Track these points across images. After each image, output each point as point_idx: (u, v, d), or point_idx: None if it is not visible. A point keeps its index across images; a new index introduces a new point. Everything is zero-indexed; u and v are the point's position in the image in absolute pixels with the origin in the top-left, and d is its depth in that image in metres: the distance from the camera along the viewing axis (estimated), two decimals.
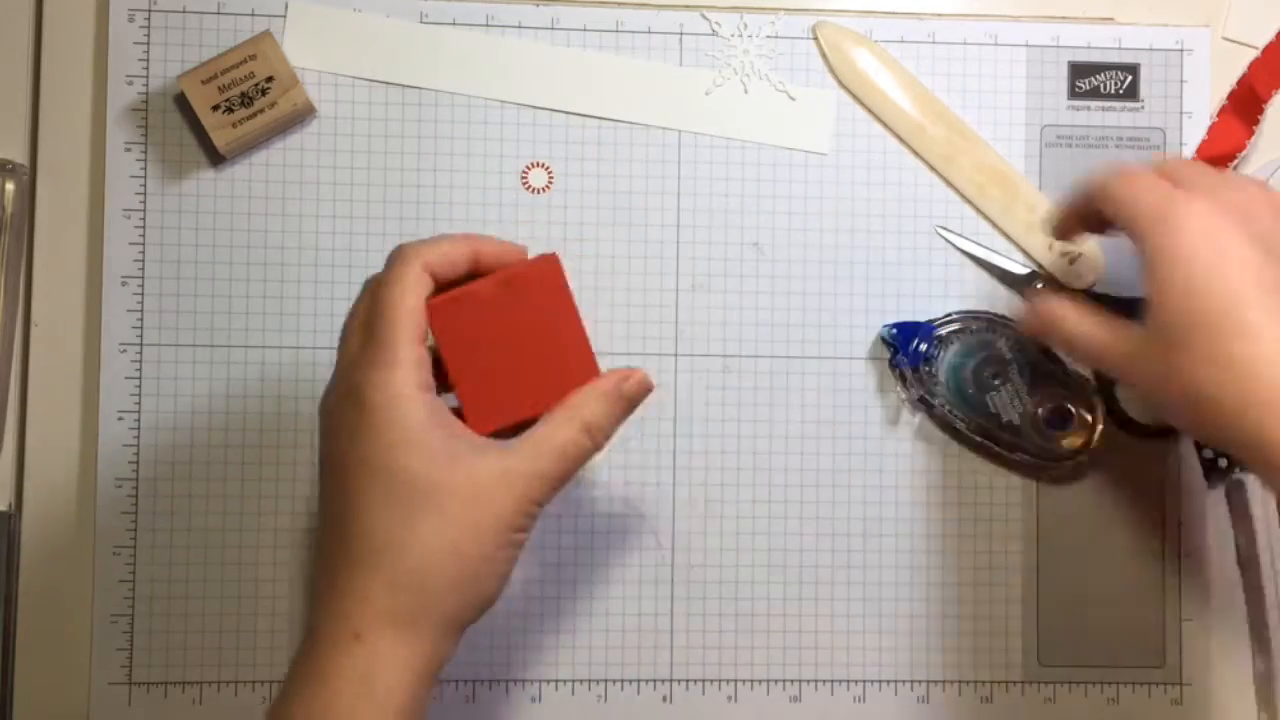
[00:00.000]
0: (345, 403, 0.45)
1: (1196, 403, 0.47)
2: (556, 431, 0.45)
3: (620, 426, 0.47)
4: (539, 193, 0.59)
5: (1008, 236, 0.60)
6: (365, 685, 0.43)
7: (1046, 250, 0.60)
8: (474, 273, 0.47)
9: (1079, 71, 0.61)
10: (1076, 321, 0.52)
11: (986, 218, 0.60)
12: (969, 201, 0.60)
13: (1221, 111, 0.61)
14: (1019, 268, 0.60)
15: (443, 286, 0.46)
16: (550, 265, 0.47)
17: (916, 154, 0.60)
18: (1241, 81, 0.61)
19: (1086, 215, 0.53)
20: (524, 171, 0.59)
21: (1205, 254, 0.47)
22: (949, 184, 0.60)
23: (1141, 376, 0.49)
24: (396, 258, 0.46)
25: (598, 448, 0.46)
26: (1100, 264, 0.60)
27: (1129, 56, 0.61)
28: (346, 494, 0.44)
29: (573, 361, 0.47)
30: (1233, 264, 0.46)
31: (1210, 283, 0.46)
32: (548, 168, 0.59)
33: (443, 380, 0.46)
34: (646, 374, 0.47)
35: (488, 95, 0.59)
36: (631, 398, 0.47)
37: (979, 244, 0.60)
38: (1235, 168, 0.60)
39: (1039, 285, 0.59)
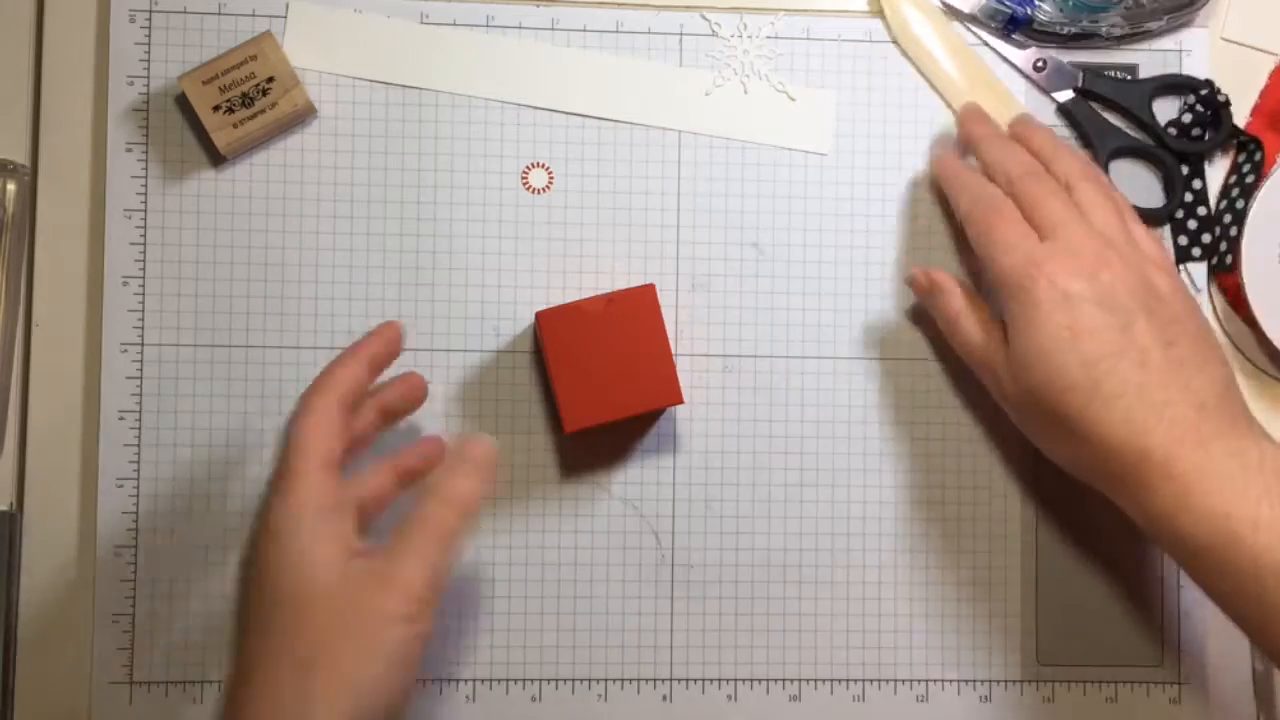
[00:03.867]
0: (258, 532, 0.49)
1: (1050, 451, 0.52)
2: (417, 518, 0.47)
3: (482, 490, 0.49)
4: (539, 193, 0.59)
5: None
6: None
7: None
8: (377, 370, 0.53)
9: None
10: (964, 311, 0.55)
11: None
12: None
13: (1248, 126, 0.60)
14: None
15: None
16: (648, 292, 0.55)
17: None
18: (1266, 93, 0.60)
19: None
20: (524, 171, 0.59)
21: (1058, 326, 0.49)
22: None
23: (1000, 392, 0.54)
24: (309, 391, 0.50)
25: (460, 516, 0.48)
26: None
27: (1128, 57, 0.61)
28: (247, 607, 0.49)
29: (658, 379, 0.54)
30: (1082, 335, 0.49)
31: (1061, 356, 0.49)
32: (548, 168, 0.59)
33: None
34: (488, 441, 0.50)
35: (488, 95, 0.59)
36: (480, 462, 0.49)
37: None
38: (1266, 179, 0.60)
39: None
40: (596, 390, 0.54)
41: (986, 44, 0.60)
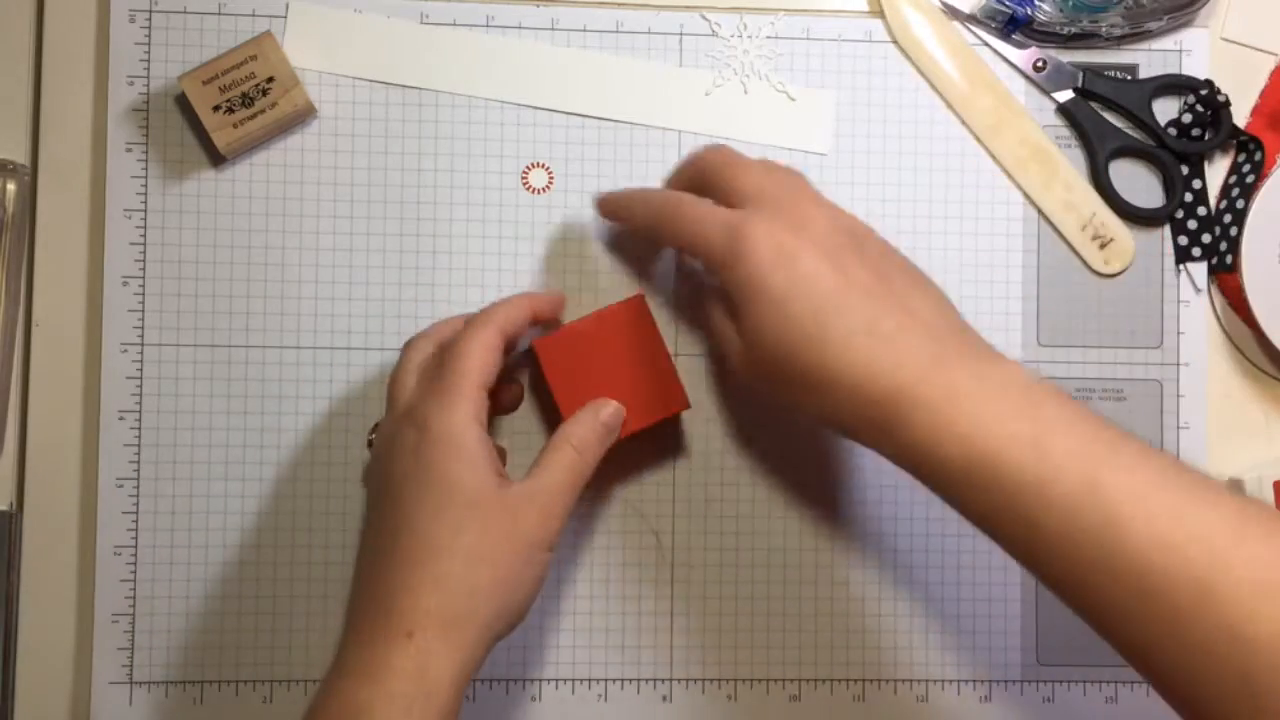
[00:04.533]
0: (407, 427, 0.50)
1: (802, 409, 0.49)
2: (555, 455, 0.52)
3: (603, 448, 0.53)
4: (539, 193, 0.59)
5: (1042, 213, 0.60)
6: (418, 681, 0.46)
7: (1079, 231, 0.60)
8: (535, 322, 0.54)
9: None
10: (718, 315, 0.52)
11: (1024, 191, 0.60)
12: (1008, 174, 0.60)
13: (1248, 126, 0.60)
14: None
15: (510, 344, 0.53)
16: (639, 303, 0.54)
17: (963, 122, 0.60)
18: (1266, 93, 0.60)
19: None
20: (524, 171, 0.59)
21: (779, 281, 0.48)
22: (992, 155, 0.60)
23: (736, 362, 0.51)
24: (475, 322, 0.52)
25: (587, 464, 0.52)
26: (1130, 253, 0.60)
27: (1128, 57, 0.61)
28: (401, 504, 0.49)
29: (662, 388, 0.54)
30: (804, 284, 0.47)
31: (789, 311, 0.47)
32: (548, 168, 0.59)
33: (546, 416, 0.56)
34: (619, 405, 0.53)
35: (488, 95, 0.59)
36: (607, 422, 0.53)
37: None
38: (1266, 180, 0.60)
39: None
40: None
41: (986, 44, 0.60)
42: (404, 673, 0.46)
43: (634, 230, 0.57)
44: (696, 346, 0.59)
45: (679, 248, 0.52)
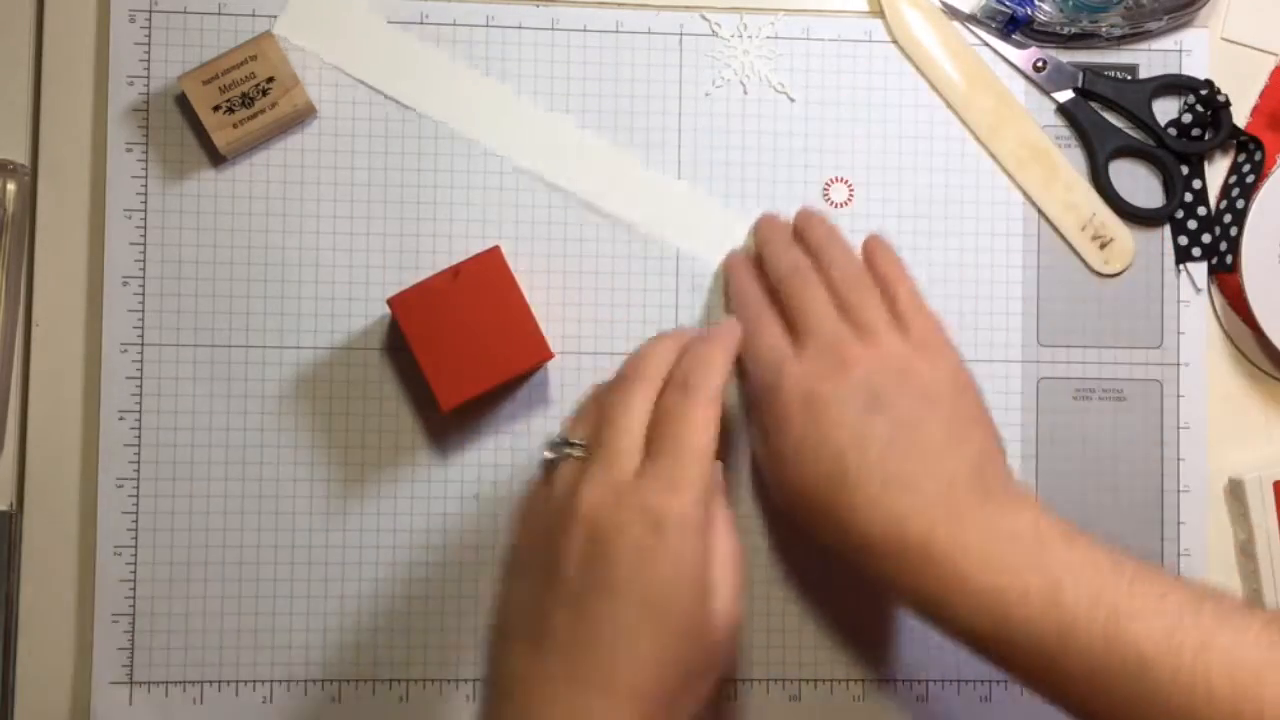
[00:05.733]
0: (631, 520, 0.45)
1: (823, 543, 0.50)
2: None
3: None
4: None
5: (1042, 213, 0.60)
6: None
7: (1079, 231, 0.60)
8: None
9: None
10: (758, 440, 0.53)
11: (1024, 192, 0.60)
12: (1008, 174, 0.60)
13: (1248, 126, 0.60)
14: None
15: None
16: (494, 256, 0.54)
17: (964, 122, 0.60)
18: (1266, 93, 0.60)
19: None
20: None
21: (804, 424, 0.49)
22: (992, 155, 0.60)
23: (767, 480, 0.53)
24: (699, 397, 0.47)
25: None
26: (1130, 253, 0.60)
27: (1128, 57, 0.61)
28: (598, 614, 0.44)
29: (523, 339, 0.54)
30: (827, 432, 0.49)
31: (806, 454, 0.49)
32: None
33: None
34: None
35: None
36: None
37: None
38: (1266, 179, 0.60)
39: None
40: (465, 363, 0.54)
41: (986, 44, 0.60)
42: None
43: None
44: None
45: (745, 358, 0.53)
